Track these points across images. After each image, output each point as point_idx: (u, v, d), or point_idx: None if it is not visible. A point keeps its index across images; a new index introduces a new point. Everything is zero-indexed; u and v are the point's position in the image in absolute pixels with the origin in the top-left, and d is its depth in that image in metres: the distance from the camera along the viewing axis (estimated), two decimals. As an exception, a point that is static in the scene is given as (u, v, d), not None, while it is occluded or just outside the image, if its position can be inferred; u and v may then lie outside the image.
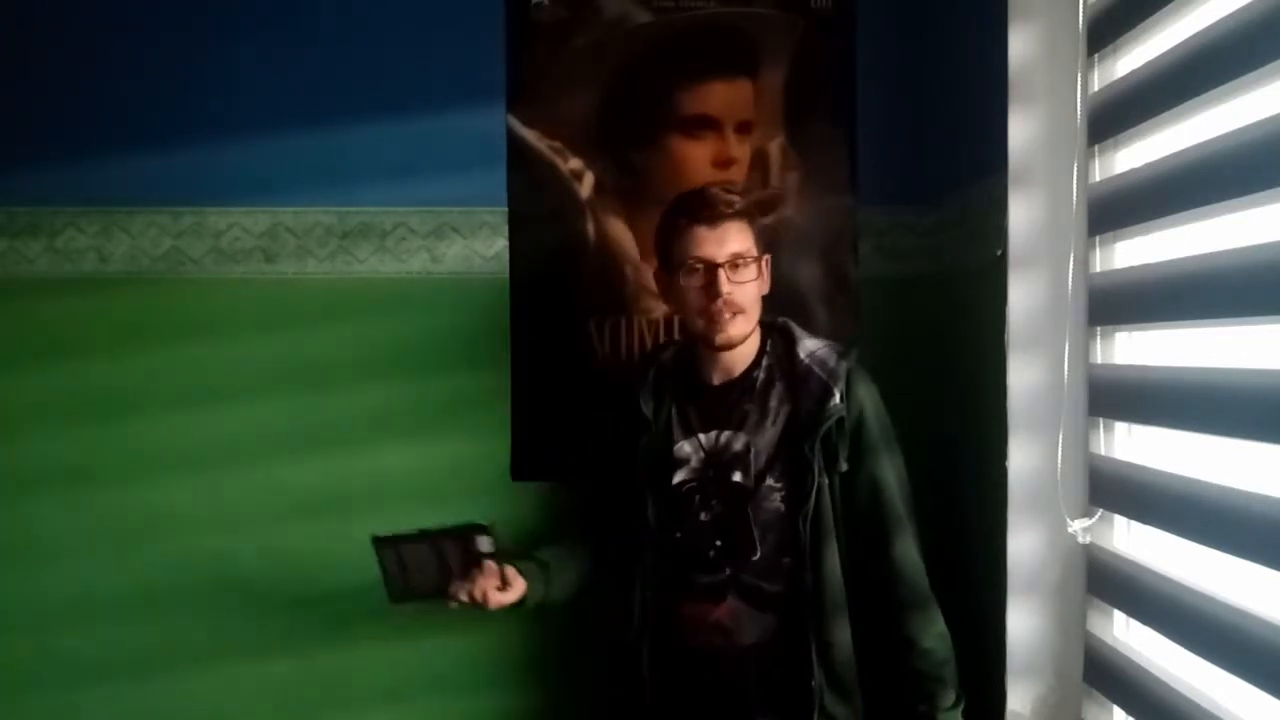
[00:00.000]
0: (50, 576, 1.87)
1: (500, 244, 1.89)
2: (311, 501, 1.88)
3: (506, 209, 1.89)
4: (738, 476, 1.55)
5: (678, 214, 1.55)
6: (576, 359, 1.89)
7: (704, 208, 1.53)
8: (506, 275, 1.89)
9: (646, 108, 1.89)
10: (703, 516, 1.56)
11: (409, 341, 1.88)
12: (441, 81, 1.88)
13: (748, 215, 1.55)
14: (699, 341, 1.59)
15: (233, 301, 1.88)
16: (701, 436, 1.59)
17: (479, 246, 1.89)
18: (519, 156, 1.89)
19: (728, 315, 1.51)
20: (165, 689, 1.88)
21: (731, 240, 1.51)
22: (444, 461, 1.88)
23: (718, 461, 1.56)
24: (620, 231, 1.90)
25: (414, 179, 1.88)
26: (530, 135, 1.89)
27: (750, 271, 1.53)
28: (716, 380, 1.60)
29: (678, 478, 1.58)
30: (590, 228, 1.90)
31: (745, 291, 1.52)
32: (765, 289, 1.57)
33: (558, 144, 1.89)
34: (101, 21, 1.86)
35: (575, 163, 1.89)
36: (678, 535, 1.57)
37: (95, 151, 1.86)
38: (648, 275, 1.88)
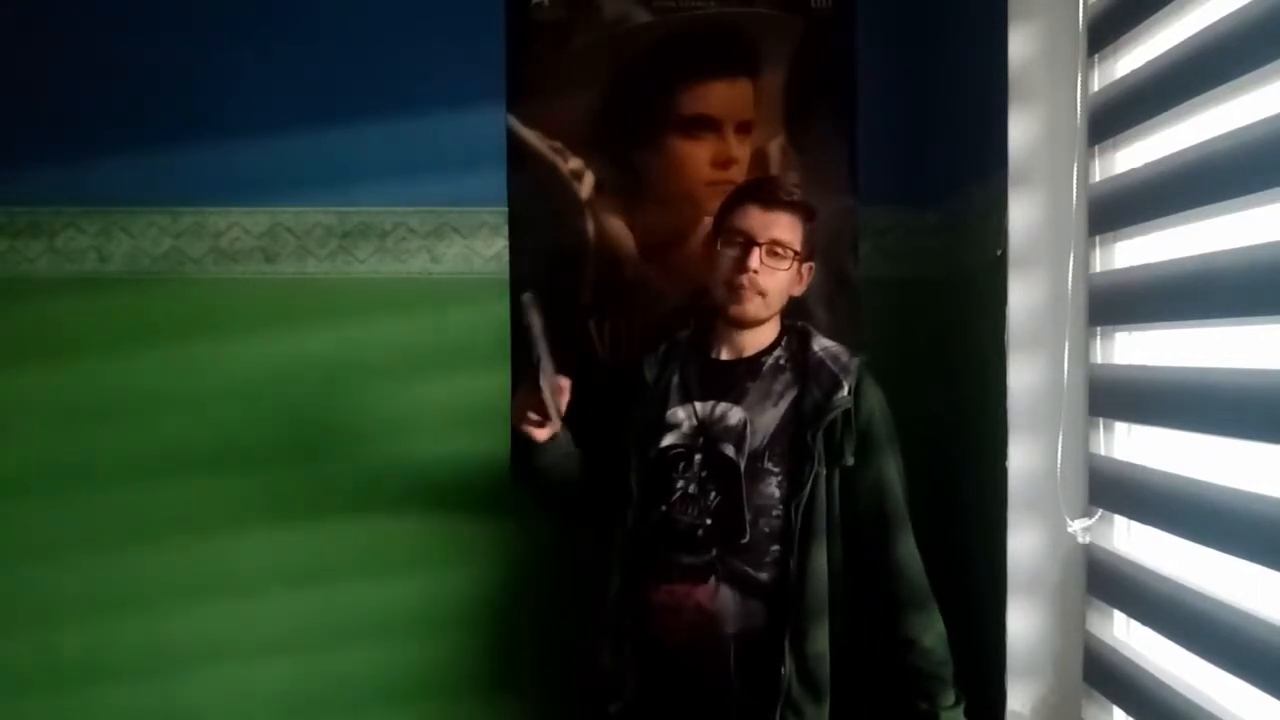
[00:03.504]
0: (50, 576, 1.87)
1: (500, 244, 1.89)
2: (311, 501, 1.88)
3: (506, 209, 1.89)
4: (729, 450, 1.54)
5: (741, 191, 1.63)
6: (577, 359, 1.89)
7: (764, 191, 1.60)
8: (506, 275, 1.89)
9: (646, 108, 1.89)
10: (690, 489, 1.54)
11: (409, 341, 1.89)
12: (441, 81, 1.88)
13: (802, 211, 1.60)
14: (717, 311, 1.62)
15: (233, 301, 1.88)
16: (697, 405, 1.59)
17: (479, 246, 1.89)
18: (519, 156, 1.89)
19: (749, 292, 1.55)
20: (165, 689, 1.88)
21: (777, 227, 1.56)
22: (444, 461, 1.89)
23: (709, 431, 1.56)
24: (620, 231, 1.90)
25: (414, 179, 1.88)
26: (530, 135, 1.89)
27: (785, 263, 1.57)
28: (725, 356, 1.62)
29: (666, 441, 1.57)
30: (590, 228, 1.90)
31: (774, 279, 1.57)
32: (798, 291, 1.62)
33: (558, 144, 1.89)
34: (102, 22, 1.86)
35: (575, 163, 1.89)
36: (663, 509, 1.54)
37: (95, 151, 1.86)
38: (648, 274, 1.88)
